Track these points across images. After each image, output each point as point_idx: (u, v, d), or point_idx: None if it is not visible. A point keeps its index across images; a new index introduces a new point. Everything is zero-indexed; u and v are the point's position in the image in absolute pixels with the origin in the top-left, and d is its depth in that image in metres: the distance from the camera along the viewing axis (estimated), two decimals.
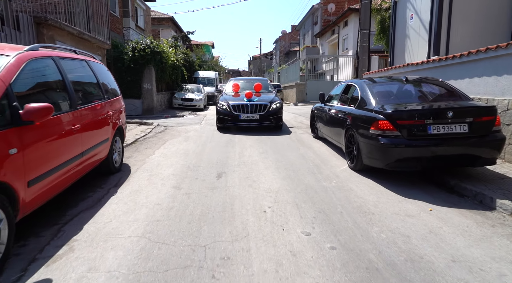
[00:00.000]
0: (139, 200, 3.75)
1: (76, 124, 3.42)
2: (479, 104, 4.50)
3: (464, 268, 2.45)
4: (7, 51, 2.83)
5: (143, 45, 13.35)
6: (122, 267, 2.39)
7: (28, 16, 6.14)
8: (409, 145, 4.20)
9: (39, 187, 2.77)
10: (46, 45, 3.45)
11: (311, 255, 2.60)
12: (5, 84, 2.50)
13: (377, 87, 5.25)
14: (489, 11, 7.77)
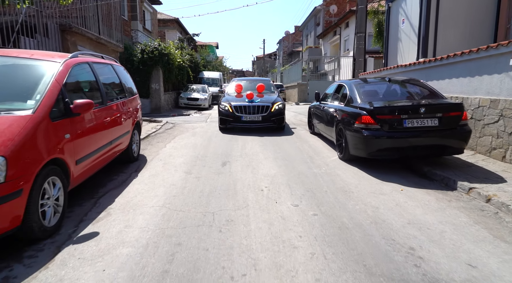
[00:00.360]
0: (157, 182, 4.49)
1: (106, 117, 4.18)
2: (448, 102, 5.19)
3: (415, 228, 3.15)
4: (56, 58, 3.59)
5: (151, 47, 14.15)
6: (150, 225, 3.13)
7: (54, 25, 6.93)
8: (387, 137, 4.90)
9: (82, 166, 3.52)
10: (83, 53, 4.21)
11: (297, 219, 3.32)
12: (59, 84, 3.25)
13: (363, 87, 5.96)
14: (474, 16, 8.42)
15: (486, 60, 5.54)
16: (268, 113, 8.47)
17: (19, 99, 3.00)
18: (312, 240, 2.86)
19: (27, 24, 5.91)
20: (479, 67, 5.71)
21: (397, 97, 5.66)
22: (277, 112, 8.58)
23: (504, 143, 5.18)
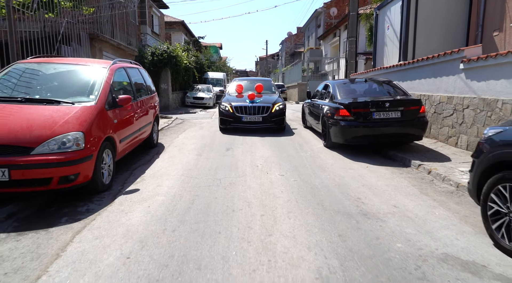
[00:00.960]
0: (175, 161, 5.75)
1: (137, 110, 5.44)
2: (409, 98, 6.40)
3: (366, 188, 4.37)
4: (103, 64, 4.86)
5: (161, 50, 15.45)
6: (174, 185, 4.37)
7: (85, 34, 8.23)
8: (360, 126, 6.13)
9: (123, 144, 4.78)
10: (120, 60, 5.48)
11: (281, 182, 4.56)
12: (108, 84, 4.52)
13: (343, 86, 7.19)
14: (449, 24, 9.59)
15: (444, 64, 6.75)
16: (268, 114, 8.49)
17: (84, 95, 4.26)
18: (289, 194, 4.10)
19: (65, 34, 7.19)
20: (440, 70, 6.92)
21: (371, 95, 6.88)
22: (278, 113, 8.60)
23: (456, 132, 6.38)
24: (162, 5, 23.27)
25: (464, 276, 2.37)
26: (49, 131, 3.49)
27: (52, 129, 3.52)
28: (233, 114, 8.56)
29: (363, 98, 6.58)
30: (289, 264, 2.50)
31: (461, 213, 3.54)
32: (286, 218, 3.35)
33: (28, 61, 4.78)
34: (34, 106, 3.83)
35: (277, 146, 7.12)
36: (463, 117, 6.19)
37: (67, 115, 3.75)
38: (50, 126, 3.54)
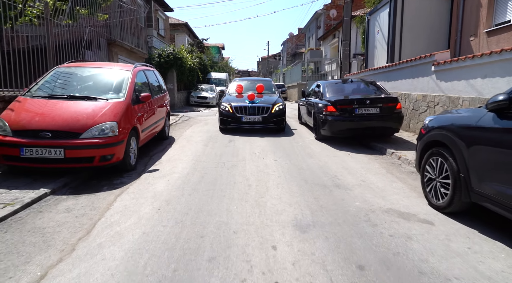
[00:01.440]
0: (185, 150, 6.77)
1: (153, 106, 6.47)
2: (386, 96, 7.39)
3: (344, 169, 5.38)
4: (127, 68, 5.89)
5: (167, 52, 16.50)
6: (186, 167, 5.39)
7: (104, 40, 9.28)
8: (344, 120, 7.13)
9: (143, 134, 5.80)
10: (140, 64, 6.50)
11: (274, 165, 5.57)
12: (133, 84, 5.55)
13: (332, 86, 8.20)
14: (431, 29, 10.56)
15: (420, 67, 7.74)
16: (268, 115, 8.59)
17: (115, 92, 5.29)
18: (280, 172, 5.11)
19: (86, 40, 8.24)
20: (416, 71, 7.91)
21: (355, 93, 7.88)
22: (278, 114, 8.70)
23: None
24: (167, 8, 24.34)
25: (397, 220, 3.37)
26: (92, 121, 4.52)
27: (94, 119, 4.55)
28: (233, 114, 8.64)
29: (348, 96, 7.58)
30: (274, 213, 3.51)
31: (413, 185, 4.53)
32: (275, 188, 4.37)
33: (66, 65, 5.82)
34: (77, 102, 4.86)
35: (273, 138, 8.13)
36: (434, 113, 7.18)
37: (104, 108, 4.77)
38: (92, 117, 4.57)
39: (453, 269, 2.47)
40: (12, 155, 4.24)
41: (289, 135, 8.54)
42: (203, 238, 2.93)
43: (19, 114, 4.50)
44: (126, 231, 3.04)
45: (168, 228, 3.12)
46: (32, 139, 4.22)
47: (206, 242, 2.86)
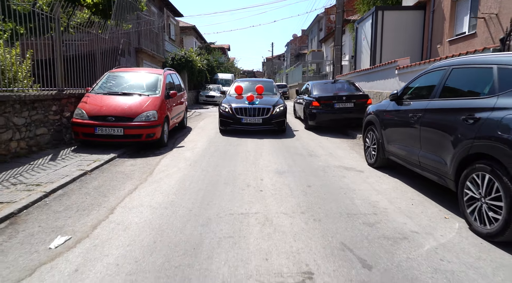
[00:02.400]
0: (201, 135, 8.82)
1: (177, 100, 8.54)
2: (360, 93, 9.36)
3: (320, 147, 7.38)
4: (159, 72, 7.97)
5: (179, 55, 18.61)
6: (204, 145, 7.43)
7: (133, 48, 11.38)
8: (326, 113, 9.12)
9: (172, 121, 7.86)
10: (168, 68, 8.57)
11: (269, 144, 7.59)
12: (165, 84, 7.62)
13: (319, 85, 10.20)
14: (407, 38, 12.48)
15: (388, 70, 9.71)
16: (269, 116, 8.65)
17: (153, 90, 7.35)
18: (271, 148, 7.13)
19: (117, 48, 10.33)
20: (386, 74, 9.88)
21: (336, 91, 9.87)
22: (278, 115, 8.74)
23: None
24: (177, 13, 26.48)
25: (341, 170, 5.37)
26: (140, 110, 6.58)
27: (141, 109, 6.60)
28: (233, 115, 8.68)
29: (329, 93, 9.57)
30: (264, 166, 5.53)
31: (364, 155, 6.52)
32: (267, 155, 6.39)
33: (115, 70, 7.92)
34: (128, 97, 6.93)
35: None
36: None
37: (147, 101, 6.83)
38: (140, 107, 6.63)
39: (361, 187, 4.47)
40: (89, 132, 6.32)
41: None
42: (220, 176, 4.96)
43: (91, 105, 6.57)
44: (173, 173, 5.09)
45: (198, 173, 5.16)
46: (102, 122, 6.29)
47: (222, 177, 4.89)
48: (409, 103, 4.54)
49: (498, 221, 2.81)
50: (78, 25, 7.98)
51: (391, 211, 3.64)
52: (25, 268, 2.47)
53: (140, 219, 3.38)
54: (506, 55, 3.23)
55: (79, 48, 8.33)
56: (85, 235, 3.02)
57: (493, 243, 2.88)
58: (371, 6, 14.99)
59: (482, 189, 3.00)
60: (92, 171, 5.11)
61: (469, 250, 2.78)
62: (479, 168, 3.03)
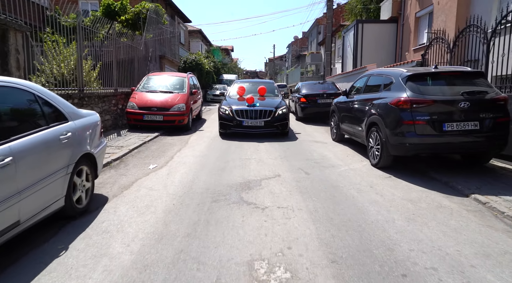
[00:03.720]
0: (215, 123, 11.60)
1: (196, 97, 11.36)
2: (337, 92, 12.13)
3: (303, 131, 10.16)
4: (183, 75, 10.81)
5: (190, 59, 21.44)
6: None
7: (157, 55, 14.22)
8: (311, 107, 11.91)
9: (193, 112, 10.68)
10: (189, 73, 11.40)
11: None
12: (189, 83, 10.44)
13: (307, 85, 13.00)
14: (383, 46, 15.22)
15: (361, 73, 12.46)
16: (271, 118, 8.49)
17: (180, 89, 10.17)
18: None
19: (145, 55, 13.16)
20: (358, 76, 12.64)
21: (321, 90, 12.64)
22: (281, 117, 8.57)
23: None
24: (186, 20, 29.34)
25: (313, 143, 8.15)
26: (173, 103, 9.39)
27: (174, 102, 9.41)
28: (234, 118, 8.55)
29: (315, 92, 12.35)
30: (259, 140, 8.32)
31: None
32: (262, 135, 9.17)
33: (151, 74, 10.75)
34: (164, 93, 9.74)
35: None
36: None
37: (177, 97, 9.64)
38: (173, 101, 9.44)
39: (320, 149, 7.24)
40: (138, 119, 9.13)
41: None
42: (232, 145, 7.74)
43: (139, 100, 9.37)
44: (201, 143, 7.88)
45: (217, 143, 7.95)
46: (148, 111, 9.09)
47: (233, 145, 7.68)
48: (352, 96, 7.30)
49: (378, 156, 5.57)
50: (119, 36, 10.78)
51: (332, 158, 6.42)
52: (140, 174, 5.28)
53: (190, 160, 6.19)
54: (380, 69, 6.00)
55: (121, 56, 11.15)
56: (164, 165, 5.83)
57: (375, 168, 5.65)
58: (358, 16, 17.78)
59: (374, 141, 5.76)
60: (148, 142, 7.92)
61: (361, 170, 5.55)
62: (372, 130, 5.79)
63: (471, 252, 2.85)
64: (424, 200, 4.14)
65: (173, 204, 3.98)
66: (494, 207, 3.84)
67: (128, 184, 4.79)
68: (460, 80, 5.28)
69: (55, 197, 3.17)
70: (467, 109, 4.85)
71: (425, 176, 5.23)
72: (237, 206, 3.93)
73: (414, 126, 4.95)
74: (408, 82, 5.28)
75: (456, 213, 3.75)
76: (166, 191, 4.46)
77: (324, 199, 4.14)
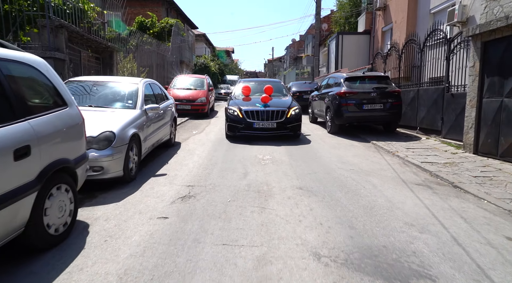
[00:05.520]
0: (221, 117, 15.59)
1: (212, 93, 15.34)
2: None
3: None
4: (202, 76, 14.81)
5: (199, 62, 25.41)
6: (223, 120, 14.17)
7: (178, 60, 18.13)
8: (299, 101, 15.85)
9: (210, 104, 14.67)
10: (206, 75, 15.38)
11: None
12: (208, 83, 14.42)
13: (296, 84, 17.01)
14: (360, 52, 19.19)
15: None
16: (284, 120, 8.16)
17: (202, 86, 14.14)
18: None
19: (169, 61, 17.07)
20: None
21: (307, 88, 16.61)
22: (294, 119, 8.27)
23: None
24: (193, 26, 33.34)
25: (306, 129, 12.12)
26: (197, 96, 13.36)
27: (198, 96, 13.38)
28: (243, 119, 8.26)
29: (302, 89, 16.31)
30: None
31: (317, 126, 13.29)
32: None
33: (180, 76, 14.73)
34: (190, 90, 13.71)
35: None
36: None
37: (200, 92, 13.61)
38: (197, 95, 13.41)
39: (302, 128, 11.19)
40: None
41: None
42: None
43: (173, 94, 13.26)
44: (218, 124, 11.85)
45: None
46: (180, 102, 13.04)
47: None
48: (320, 91, 11.26)
49: (330, 126, 9.54)
50: (157, 47, 14.75)
51: (307, 130, 10.37)
52: (190, 135, 9.27)
53: (215, 129, 10.19)
54: (337, 73, 9.99)
55: (157, 61, 15.13)
56: (201, 132, 9.83)
57: (329, 133, 9.62)
58: (342, 26, 21.73)
59: (328, 118, 9.71)
60: (184, 122, 11.90)
61: (321, 134, 9.53)
62: (327, 111, 9.76)
63: (352, 155, 6.83)
64: (346, 143, 8.12)
65: (213, 143, 7.93)
66: (377, 145, 7.81)
67: (186, 138, 8.75)
68: (374, 80, 9.26)
69: None
70: (375, 97, 8.81)
71: (355, 136, 9.19)
72: (247, 143, 7.87)
73: (347, 107, 8.91)
74: (345, 81, 9.24)
75: (357, 146, 7.73)
76: (208, 139, 8.47)
77: (296, 148, 8.07)
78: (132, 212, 3.69)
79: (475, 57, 6.49)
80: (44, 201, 2.71)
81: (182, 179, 5.00)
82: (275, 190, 4.54)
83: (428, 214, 3.76)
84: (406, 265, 2.64)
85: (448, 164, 5.97)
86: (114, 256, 2.73)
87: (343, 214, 3.68)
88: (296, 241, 3.04)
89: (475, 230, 3.35)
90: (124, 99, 5.66)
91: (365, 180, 5.02)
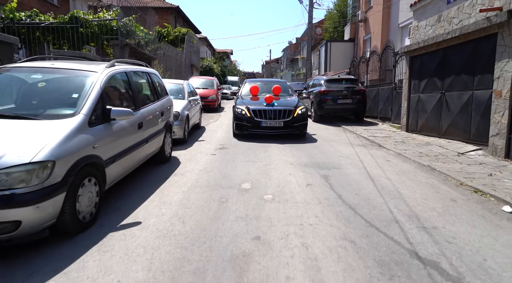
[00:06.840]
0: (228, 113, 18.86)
1: (220, 92, 18.63)
2: None
3: None
4: (212, 78, 18.11)
5: (205, 65, 28.69)
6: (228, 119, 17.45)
7: (189, 63, 21.35)
8: None
9: (219, 101, 17.96)
10: (215, 76, 18.64)
11: None
12: (216, 83, 17.72)
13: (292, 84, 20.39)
14: (345, 57, 22.53)
15: None
16: (291, 119, 8.42)
17: (211, 86, 17.43)
18: None
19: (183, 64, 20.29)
20: None
21: (300, 88, 19.95)
22: (300, 118, 8.53)
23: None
24: (197, 31, 36.63)
25: None
26: (209, 94, 16.64)
27: (209, 94, 16.67)
28: (251, 118, 8.49)
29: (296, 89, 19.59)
30: None
31: None
32: None
33: (193, 77, 17.99)
34: (203, 89, 16.98)
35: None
36: None
37: (211, 91, 16.90)
38: (209, 93, 16.69)
39: None
40: None
41: None
42: None
43: None
44: (228, 115, 15.12)
45: None
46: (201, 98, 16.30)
47: None
48: (308, 90, 14.56)
49: (314, 117, 12.86)
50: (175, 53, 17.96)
51: None
52: (208, 122, 12.59)
53: (226, 119, 13.44)
54: (320, 76, 13.32)
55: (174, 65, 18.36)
56: (216, 121, 13.15)
57: (313, 122, 12.94)
58: (331, 33, 25.05)
59: (313, 110, 13.00)
60: None
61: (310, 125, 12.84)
62: (312, 105, 13.07)
63: (326, 133, 10.17)
64: (324, 127, 11.44)
65: (228, 126, 11.20)
66: (345, 128, 11.12)
67: (206, 124, 12.03)
68: (347, 81, 12.58)
69: None
70: (347, 94, 12.12)
71: (332, 123, 12.49)
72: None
73: (326, 102, 12.20)
74: (325, 82, 12.54)
75: (331, 129, 11.08)
76: (223, 124, 11.84)
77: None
78: (195, 152, 7.00)
79: (406, 66, 9.82)
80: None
81: (216, 141, 8.34)
82: (273, 145, 7.86)
83: (354, 153, 7.09)
84: (331, 166, 5.96)
85: (385, 137, 9.28)
86: (196, 164, 6.02)
87: (309, 153, 7.00)
88: (282, 160, 6.39)
89: (373, 157, 6.70)
90: (180, 93, 9.05)
91: (328, 144, 8.31)
